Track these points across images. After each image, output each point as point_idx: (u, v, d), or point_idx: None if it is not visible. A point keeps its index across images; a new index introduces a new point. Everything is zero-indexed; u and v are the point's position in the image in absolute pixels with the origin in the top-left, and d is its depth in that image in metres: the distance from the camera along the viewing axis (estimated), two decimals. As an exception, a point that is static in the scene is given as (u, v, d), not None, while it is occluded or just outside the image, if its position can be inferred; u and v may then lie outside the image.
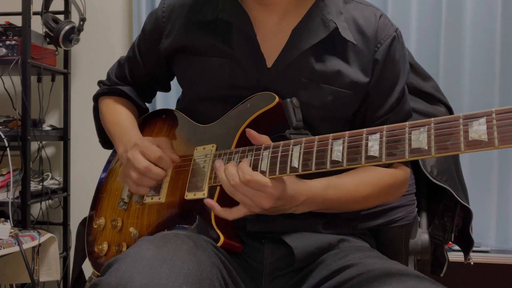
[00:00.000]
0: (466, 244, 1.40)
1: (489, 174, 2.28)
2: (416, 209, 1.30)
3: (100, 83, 1.33)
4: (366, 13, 1.09)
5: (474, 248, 1.41)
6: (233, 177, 0.90)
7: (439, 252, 1.40)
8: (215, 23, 1.09)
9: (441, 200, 1.37)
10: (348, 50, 1.06)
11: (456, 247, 1.67)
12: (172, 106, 1.28)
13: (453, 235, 1.37)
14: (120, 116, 1.23)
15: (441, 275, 1.39)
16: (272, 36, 1.07)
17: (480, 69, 2.29)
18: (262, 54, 1.06)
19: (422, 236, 1.30)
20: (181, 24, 1.13)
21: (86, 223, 1.26)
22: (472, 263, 1.48)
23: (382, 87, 1.08)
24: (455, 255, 1.79)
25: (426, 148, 0.72)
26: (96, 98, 1.32)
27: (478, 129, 0.68)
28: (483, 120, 0.67)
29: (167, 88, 1.32)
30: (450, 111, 1.39)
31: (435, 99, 1.38)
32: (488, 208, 2.28)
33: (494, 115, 0.67)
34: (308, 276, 1.00)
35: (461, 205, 1.34)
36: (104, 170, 1.30)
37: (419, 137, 0.73)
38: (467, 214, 1.36)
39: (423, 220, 1.35)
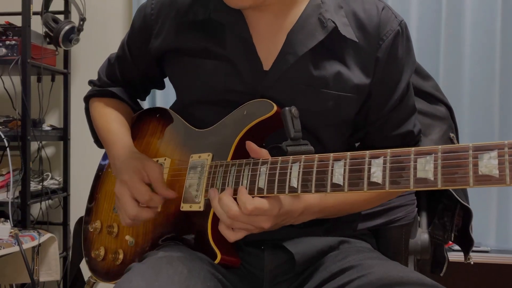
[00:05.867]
0: (466, 244, 1.40)
1: (489, 174, 2.28)
2: (416, 208, 1.30)
3: (90, 83, 1.28)
4: (368, 5, 1.02)
5: (474, 248, 1.40)
6: (229, 208, 0.86)
7: (439, 252, 1.40)
8: (207, 23, 1.03)
9: (441, 200, 1.37)
10: (348, 50, 0.99)
11: (456, 247, 1.67)
12: (172, 103, 1.25)
13: (453, 234, 1.37)
14: (110, 121, 1.18)
15: (441, 274, 1.39)
16: (267, 38, 1.01)
17: (480, 69, 2.29)
18: (259, 57, 1.00)
19: (422, 235, 1.30)
20: (171, 23, 1.07)
21: (83, 221, 1.24)
22: (472, 263, 1.48)
23: (384, 86, 1.03)
24: (455, 255, 1.79)
25: (433, 179, 0.68)
26: (87, 99, 1.27)
27: (489, 163, 0.63)
28: (494, 153, 0.63)
29: (161, 86, 1.26)
30: (450, 110, 1.39)
31: (435, 99, 1.37)
32: (488, 208, 2.28)
33: (506, 148, 0.62)
34: (308, 279, 0.98)
35: (461, 204, 1.34)
36: (104, 158, 1.27)
37: (425, 166, 0.69)
38: (467, 214, 1.35)
39: (423, 219, 1.35)
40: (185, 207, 0.99)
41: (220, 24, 1.02)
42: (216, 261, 0.92)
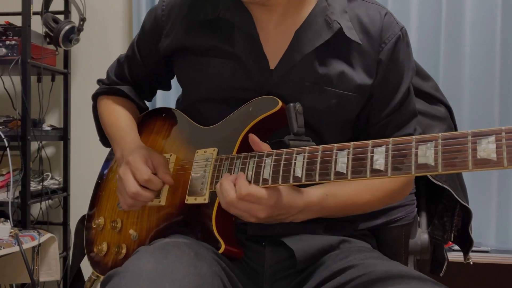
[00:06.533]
0: (466, 244, 1.40)
1: (489, 174, 2.28)
2: (416, 209, 1.30)
3: (99, 81, 1.31)
4: (371, 11, 1.07)
5: (474, 248, 1.40)
6: (228, 193, 0.89)
7: (438, 252, 1.40)
8: (216, 22, 1.07)
9: (441, 200, 1.37)
10: (352, 51, 1.03)
11: (456, 247, 1.67)
12: (172, 105, 1.26)
13: (452, 235, 1.37)
14: (118, 117, 1.22)
15: (441, 274, 1.39)
16: (275, 37, 1.05)
17: (480, 69, 2.29)
18: (265, 55, 1.04)
19: (421, 236, 1.30)
20: (181, 23, 1.11)
21: (85, 221, 1.25)
22: (471, 263, 1.48)
23: (385, 88, 1.06)
24: (455, 255, 1.79)
25: (433, 164, 0.70)
26: (95, 97, 1.30)
27: (487, 148, 0.66)
28: (492, 138, 0.66)
29: (167, 87, 1.30)
30: (449, 110, 1.39)
31: (434, 99, 1.38)
32: (488, 208, 2.28)
33: (504, 133, 0.65)
34: (309, 278, 0.99)
35: (461, 205, 1.34)
36: (105, 165, 1.29)
37: (426, 152, 0.71)
38: (467, 214, 1.36)
39: (423, 220, 1.35)
40: (190, 200, 1.01)
41: (229, 23, 1.05)
42: (220, 251, 0.94)
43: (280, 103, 0.96)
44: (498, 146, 0.65)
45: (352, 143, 0.80)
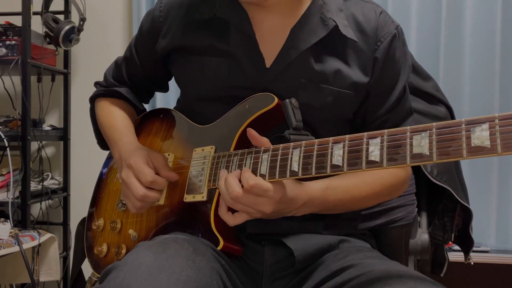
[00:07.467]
0: (466, 244, 1.40)
1: (489, 174, 2.28)
2: (416, 209, 1.30)
3: (96, 84, 1.31)
4: (366, 10, 1.07)
5: (474, 248, 1.41)
6: (233, 188, 0.88)
7: (439, 252, 1.40)
8: (212, 22, 1.07)
9: (441, 200, 1.37)
10: (348, 49, 1.04)
11: (456, 247, 1.67)
12: (172, 106, 1.27)
13: (453, 235, 1.37)
14: (115, 119, 1.22)
15: (441, 275, 1.39)
16: (271, 36, 1.06)
17: (480, 69, 2.29)
18: (261, 53, 1.04)
19: (422, 236, 1.30)
20: (178, 23, 1.11)
21: (85, 222, 1.25)
22: (472, 263, 1.48)
23: (382, 87, 1.07)
24: (455, 255, 1.79)
25: (428, 153, 0.70)
26: (93, 99, 1.30)
27: (481, 135, 0.66)
28: (485, 126, 0.66)
29: (165, 89, 1.30)
30: (450, 110, 1.39)
31: (435, 99, 1.38)
32: (488, 208, 2.28)
33: (497, 120, 0.65)
34: (308, 277, 0.99)
35: (461, 205, 1.34)
36: (105, 165, 1.29)
37: (421, 142, 0.71)
38: (467, 214, 1.36)
39: (423, 220, 1.35)
40: (188, 198, 1.01)
41: (225, 22, 1.06)
42: (219, 247, 0.94)
43: (276, 100, 0.97)
44: (491, 133, 0.65)
45: (347, 136, 0.81)
